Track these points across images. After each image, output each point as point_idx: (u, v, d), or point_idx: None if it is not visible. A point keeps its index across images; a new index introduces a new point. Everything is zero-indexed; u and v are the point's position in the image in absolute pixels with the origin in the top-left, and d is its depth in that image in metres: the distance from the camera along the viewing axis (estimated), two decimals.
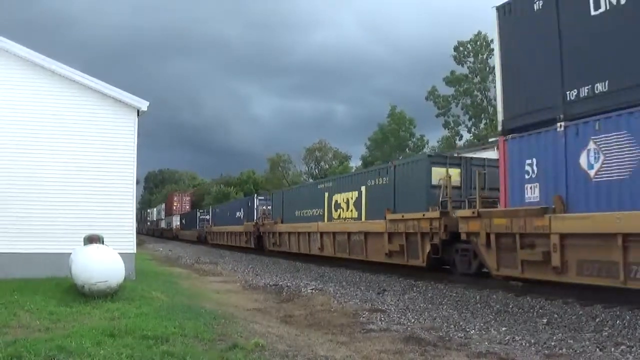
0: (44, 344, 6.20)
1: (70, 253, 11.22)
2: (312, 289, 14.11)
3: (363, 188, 19.16)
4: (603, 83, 9.92)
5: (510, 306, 10.67)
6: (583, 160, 10.17)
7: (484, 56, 48.21)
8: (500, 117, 12.38)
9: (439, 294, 12.77)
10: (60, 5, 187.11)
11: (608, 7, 9.86)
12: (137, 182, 19.20)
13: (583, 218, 9.96)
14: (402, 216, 16.10)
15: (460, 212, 13.73)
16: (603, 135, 9.77)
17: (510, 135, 11.89)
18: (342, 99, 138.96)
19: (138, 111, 14.91)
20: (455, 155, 17.88)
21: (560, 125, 10.58)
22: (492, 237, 12.13)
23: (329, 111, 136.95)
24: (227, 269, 22.19)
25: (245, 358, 6.21)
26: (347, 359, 6.66)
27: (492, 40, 11.48)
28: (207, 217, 46.96)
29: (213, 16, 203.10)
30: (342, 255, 20.33)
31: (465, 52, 48.92)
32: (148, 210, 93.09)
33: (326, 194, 22.13)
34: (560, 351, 7.16)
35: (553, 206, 10.58)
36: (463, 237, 13.36)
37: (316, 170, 68.87)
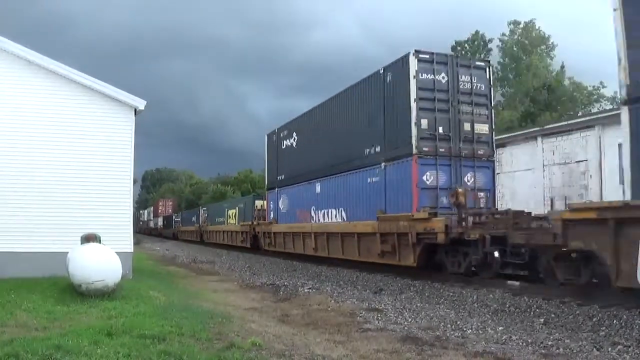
0: (41, 343, 6.20)
1: (68, 252, 11.21)
2: (309, 289, 14.11)
3: (237, 208, 36.62)
4: (284, 175, 24.49)
5: (507, 305, 10.67)
6: (281, 204, 24.67)
7: (482, 55, 48.19)
8: (266, 181, 28.18)
9: (436, 293, 12.78)
10: (60, 6, 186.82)
11: (285, 147, 24.47)
12: (135, 181, 20.03)
13: (279, 226, 24.73)
14: (243, 224, 33.14)
15: (255, 222, 30.57)
16: (283, 195, 24.35)
17: (269, 190, 26.60)
18: None
19: (135, 110, 14.90)
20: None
21: (275, 189, 25.32)
22: (263, 233, 27.46)
23: None
24: (224, 268, 22.19)
25: (243, 357, 6.20)
26: (344, 358, 6.67)
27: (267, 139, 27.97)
28: (179, 219, 60.84)
29: (212, 16, 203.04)
30: (229, 243, 37.11)
31: (463, 52, 48.95)
32: (141, 212, 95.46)
33: (226, 209, 39.84)
34: (557, 351, 7.18)
35: (273, 221, 25.58)
36: (258, 234, 28.84)
37: None
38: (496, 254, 12.30)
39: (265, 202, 28.59)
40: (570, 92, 43.44)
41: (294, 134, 23.56)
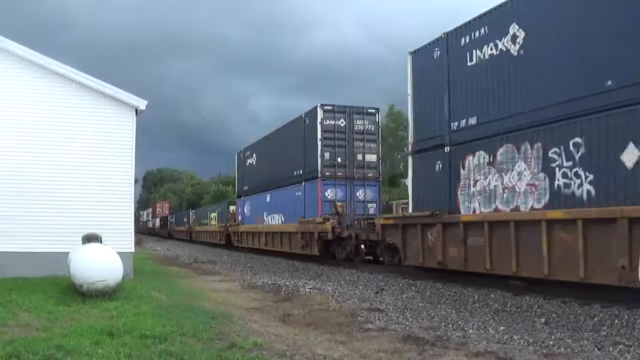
0: (42, 343, 6.21)
1: (69, 252, 11.22)
2: (310, 288, 14.09)
3: (217, 211, 42.93)
4: (248, 186, 30.59)
5: (509, 305, 10.67)
6: (245, 209, 30.88)
7: None
8: (236, 190, 34.38)
9: (437, 293, 12.78)
10: (61, 6, 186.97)
11: (248, 164, 31.09)
12: (136, 181, 20.25)
13: (244, 227, 31.13)
14: (220, 225, 39.42)
15: (228, 224, 36.17)
16: (247, 202, 30.56)
17: (238, 198, 32.92)
18: (342, 98, 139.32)
19: (136, 110, 14.89)
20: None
21: (242, 197, 31.42)
22: (233, 232, 34.09)
23: None
24: (225, 268, 22.21)
25: (244, 357, 6.20)
26: (346, 358, 6.66)
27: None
28: (173, 220, 66.64)
29: (213, 17, 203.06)
30: (211, 241, 43.74)
31: None
32: (141, 212, 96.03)
33: (209, 212, 46.03)
34: (559, 350, 7.17)
35: (240, 223, 32.16)
36: (230, 233, 35.22)
37: None
38: (362, 246, 19.63)
39: (235, 207, 35.50)
40: None
41: (254, 154, 30.34)
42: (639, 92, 8.89)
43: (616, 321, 8.70)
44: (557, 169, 10.50)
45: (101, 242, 11.41)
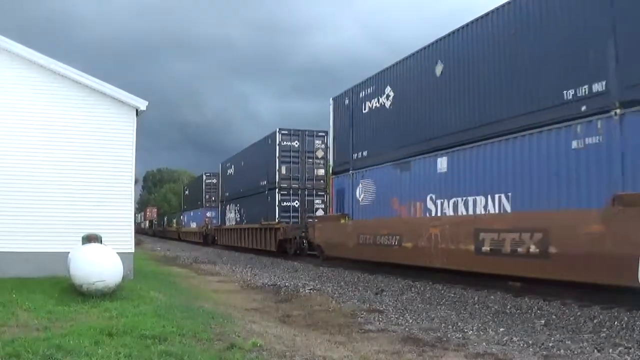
0: (42, 342, 6.20)
1: (69, 252, 11.22)
2: (310, 289, 14.10)
3: (176, 218, 64.43)
4: (186, 206, 61.57)
5: (508, 307, 10.68)
6: (184, 218, 59.11)
7: None
8: (182, 207, 65.60)
9: (437, 294, 12.78)
10: (63, 7, 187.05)
11: (185, 193, 66.82)
12: (136, 182, 20.48)
13: (185, 228, 58.66)
14: (176, 227, 62.42)
15: (180, 226, 62.39)
16: (186, 215, 59.45)
17: (181, 212, 63.69)
18: None
19: (137, 110, 14.87)
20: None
21: (183, 212, 61.30)
22: (180, 232, 60.70)
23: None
24: (225, 269, 22.19)
25: (244, 358, 6.20)
26: (345, 359, 6.67)
27: None
28: (156, 222, 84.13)
29: (215, 18, 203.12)
30: (171, 237, 63.90)
31: None
32: (136, 215, 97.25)
33: (172, 218, 67.89)
34: (558, 352, 7.17)
35: (183, 226, 61.56)
36: (179, 232, 61.87)
37: None
38: (215, 237, 43.65)
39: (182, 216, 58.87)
40: None
41: (188, 189, 58.82)
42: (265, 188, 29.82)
43: (616, 323, 8.70)
44: (239, 214, 34.66)
45: (101, 243, 11.41)
